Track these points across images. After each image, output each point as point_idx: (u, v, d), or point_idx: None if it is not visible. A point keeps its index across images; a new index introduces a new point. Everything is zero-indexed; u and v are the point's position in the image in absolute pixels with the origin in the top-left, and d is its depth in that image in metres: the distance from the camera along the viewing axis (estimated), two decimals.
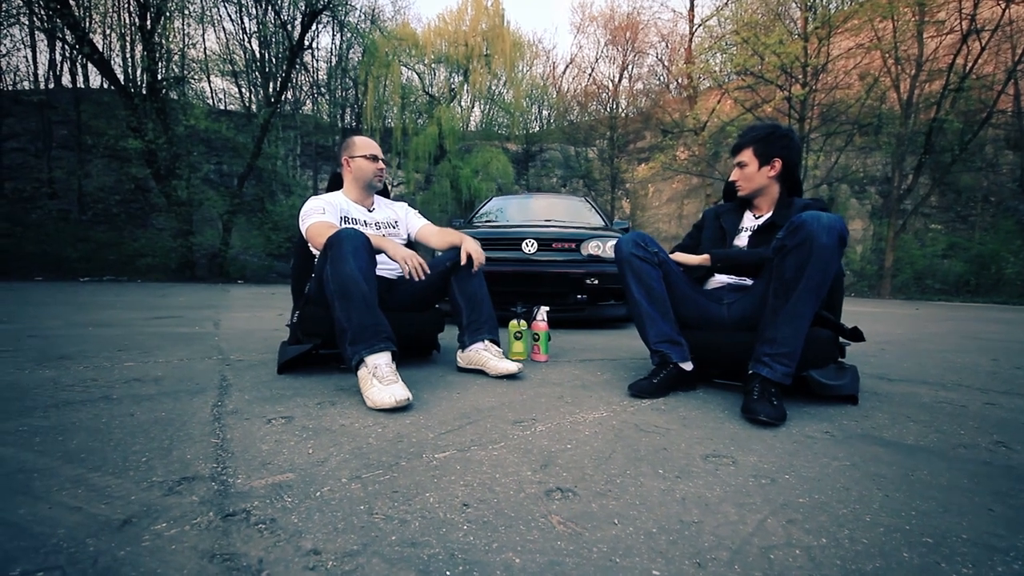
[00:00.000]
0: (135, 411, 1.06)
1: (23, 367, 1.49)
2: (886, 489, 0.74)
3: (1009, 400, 1.34)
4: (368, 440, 0.91)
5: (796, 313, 1.12)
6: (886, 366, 1.85)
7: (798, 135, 1.50)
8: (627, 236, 1.42)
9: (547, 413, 1.11)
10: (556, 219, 3.78)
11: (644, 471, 0.79)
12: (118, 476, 0.72)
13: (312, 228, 1.50)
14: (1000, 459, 0.88)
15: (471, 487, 0.72)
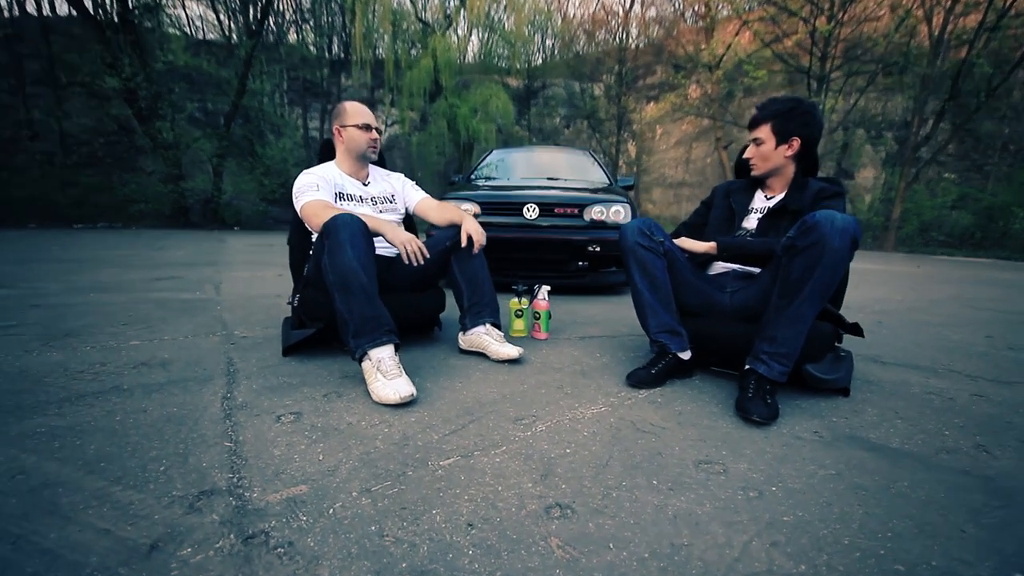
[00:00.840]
0: (147, 405, 1.10)
1: (30, 347, 1.52)
2: (867, 505, 0.78)
3: (997, 390, 1.38)
4: (375, 443, 0.95)
5: (799, 315, 1.13)
6: (881, 345, 1.88)
7: (820, 108, 1.41)
8: (632, 223, 1.39)
9: (547, 408, 1.15)
10: (558, 177, 3.68)
11: (639, 482, 0.83)
12: (139, 490, 0.76)
13: (307, 208, 1.46)
14: (979, 466, 0.93)
15: (475, 502, 0.76)
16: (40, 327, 1.79)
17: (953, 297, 3.37)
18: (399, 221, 1.77)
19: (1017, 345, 1.96)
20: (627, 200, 2.89)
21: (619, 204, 2.84)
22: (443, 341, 1.74)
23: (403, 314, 1.61)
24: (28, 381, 1.23)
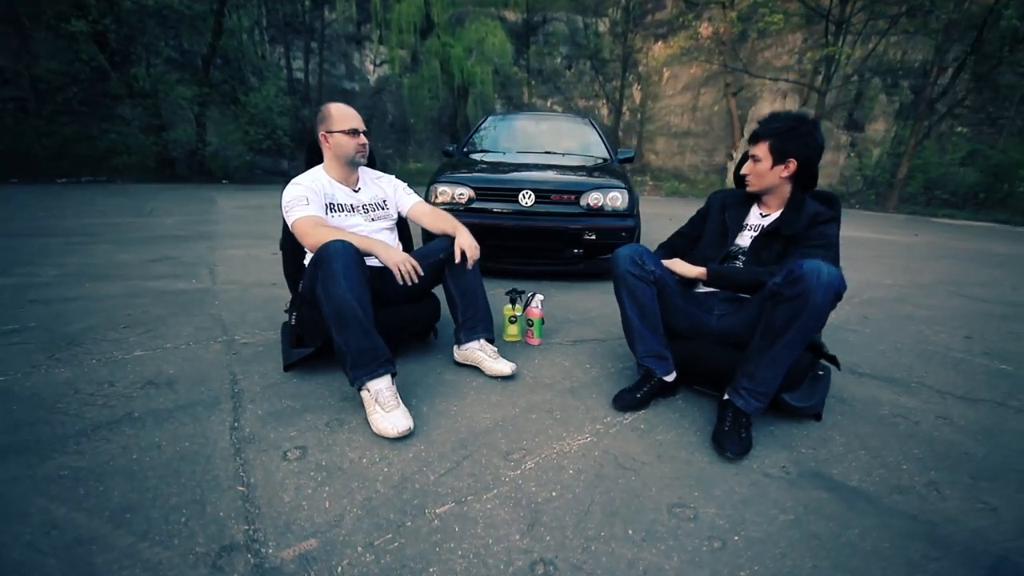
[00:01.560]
0: (160, 439, 1.17)
1: (37, 361, 1.58)
2: (816, 557, 0.88)
3: (962, 411, 1.48)
4: (376, 486, 1.03)
5: (778, 359, 1.19)
6: (862, 350, 1.96)
7: (821, 126, 1.39)
8: (624, 252, 1.41)
9: (536, 440, 1.24)
10: (556, 151, 3.59)
11: (616, 532, 0.93)
12: (166, 547, 0.85)
13: (299, 225, 1.47)
14: (927, 509, 1.03)
15: (467, 559, 0.85)
16: (42, 331, 1.84)
17: (942, 281, 3.43)
18: (392, 226, 1.77)
19: (992, 349, 2.05)
20: (625, 185, 2.85)
21: (616, 190, 2.80)
22: (438, 349, 1.81)
23: (399, 324, 1.67)
24: (42, 408, 1.29)
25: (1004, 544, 0.93)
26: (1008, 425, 1.40)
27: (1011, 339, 2.18)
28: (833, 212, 1.42)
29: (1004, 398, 1.58)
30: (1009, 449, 1.27)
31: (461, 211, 2.79)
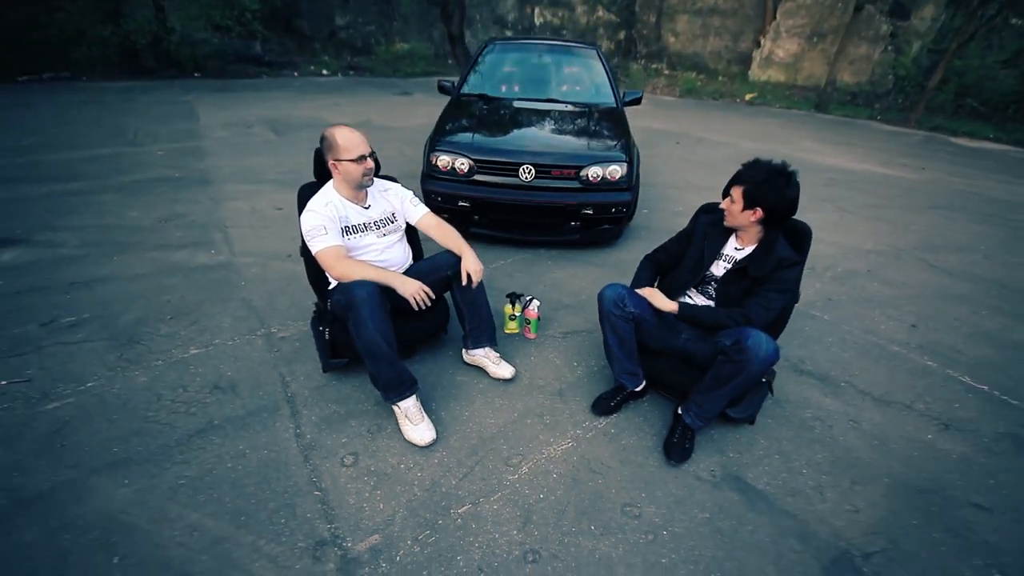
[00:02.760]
0: (243, 447, 1.58)
1: (110, 363, 1.93)
2: (714, 548, 1.34)
3: (871, 415, 1.89)
4: (414, 490, 1.46)
5: (721, 398, 1.55)
6: (812, 341, 2.33)
7: (797, 179, 1.55)
8: (609, 295, 1.68)
9: (530, 445, 1.65)
10: (560, 100, 3.56)
11: (583, 528, 1.38)
12: (278, 543, 1.29)
13: (323, 257, 1.70)
14: (807, 510, 1.47)
15: (482, 550, 1.30)
16: (99, 325, 2.16)
17: (920, 244, 3.67)
18: (402, 236, 1.99)
19: (928, 341, 2.41)
20: (625, 157, 2.93)
21: (616, 163, 2.90)
22: (448, 346, 2.15)
23: (415, 328, 1.99)
24: (137, 418, 1.68)
25: (850, 540, 1.39)
26: (903, 431, 1.82)
27: (950, 328, 2.54)
28: (797, 257, 1.65)
29: (914, 400, 1.99)
30: (892, 455, 1.70)
31: (462, 182, 2.91)
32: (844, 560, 1.33)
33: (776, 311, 1.62)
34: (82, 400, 1.76)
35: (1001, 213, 4.51)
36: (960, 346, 2.38)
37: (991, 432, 1.85)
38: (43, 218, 3.29)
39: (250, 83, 10.21)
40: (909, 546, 1.38)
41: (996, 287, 3.03)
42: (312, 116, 7.07)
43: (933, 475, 1.63)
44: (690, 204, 4.18)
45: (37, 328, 2.16)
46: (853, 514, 1.47)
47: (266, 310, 2.34)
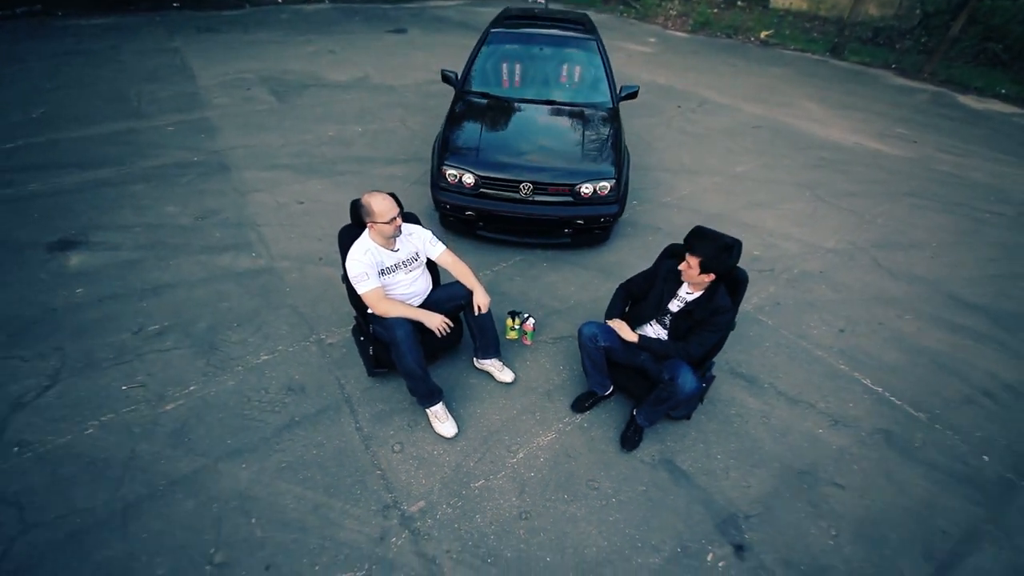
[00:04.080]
0: (321, 439, 2.30)
1: (202, 369, 2.60)
2: (642, 510, 2.10)
3: (782, 411, 2.61)
4: (444, 471, 2.20)
5: (660, 411, 2.24)
6: (751, 346, 3.00)
7: (740, 248, 2.12)
8: (587, 331, 2.32)
9: (524, 436, 2.38)
10: (559, 100, 3.94)
11: (561, 496, 2.14)
12: (362, 507, 2.05)
13: (368, 297, 2.29)
14: (715, 485, 2.23)
15: (494, 511, 2.07)
16: (180, 333, 2.81)
17: (880, 242, 4.24)
18: (423, 269, 2.57)
19: (849, 346, 3.09)
20: (614, 174, 3.41)
21: (606, 179, 3.40)
22: (462, 352, 2.81)
23: (437, 343, 2.64)
24: (238, 416, 2.38)
25: (738, 507, 2.16)
26: (802, 426, 2.55)
27: (872, 333, 3.20)
28: (731, 306, 2.26)
29: (818, 400, 2.70)
30: (786, 445, 2.44)
31: (468, 194, 3.41)
32: (731, 520, 2.11)
33: (710, 345, 2.26)
34: (190, 402, 2.45)
35: (971, 202, 5.00)
36: (873, 350, 3.06)
37: (870, 428, 2.58)
38: (88, 215, 3.80)
39: (234, 18, 9.98)
40: (778, 511, 2.16)
41: (929, 290, 3.66)
42: (307, 72, 7.20)
43: (812, 461, 2.38)
44: (679, 194, 4.68)
45: (131, 336, 2.80)
46: (745, 488, 2.23)
47: (312, 317, 2.97)
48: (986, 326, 3.37)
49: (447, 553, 1.93)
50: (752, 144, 5.93)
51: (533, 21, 4.56)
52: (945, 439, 2.57)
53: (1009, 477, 2.43)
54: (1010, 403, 2.83)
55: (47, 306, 2.99)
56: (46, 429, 2.32)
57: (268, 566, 1.87)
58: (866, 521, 2.17)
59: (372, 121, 5.77)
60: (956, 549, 2.11)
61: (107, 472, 2.16)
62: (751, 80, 8.39)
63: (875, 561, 2.03)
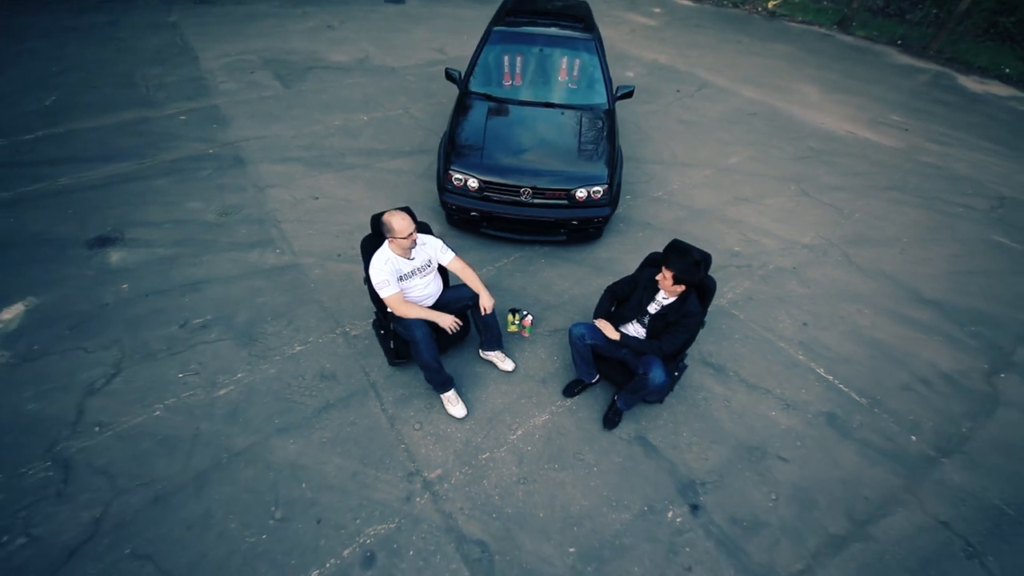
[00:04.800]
0: (354, 418, 2.83)
1: (245, 359, 3.10)
2: (621, 479, 2.66)
3: (741, 396, 3.14)
4: (456, 446, 2.75)
5: (636, 400, 2.76)
6: (722, 338, 3.51)
7: (710, 262, 2.58)
8: (577, 331, 2.81)
9: (522, 417, 2.91)
10: (558, 103, 4.30)
11: (552, 466, 2.69)
12: (391, 473, 2.60)
13: (389, 301, 2.77)
14: (678, 457, 2.78)
15: (498, 476, 2.62)
16: (223, 325, 3.29)
17: (854, 239, 4.69)
18: (435, 273, 3.03)
19: (809, 338, 3.59)
20: (607, 180, 3.82)
21: (599, 185, 3.81)
22: (469, 344, 3.31)
23: (448, 338, 3.13)
24: (281, 401, 2.90)
25: (697, 475, 2.71)
26: (758, 409, 3.08)
27: (831, 326, 3.70)
28: (700, 310, 2.74)
29: (775, 386, 3.23)
30: (743, 425, 2.98)
31: (473, 197, 3.83)
32: (690, 485, 2.67)
33: (680, 344, 2.76)
34: (239, 387, 2.96)
35: (947, 195, 5.42)
36: (831, 343, 3.58)
37: (816, 411, 3.12)
38: (119, 212, 4.22)
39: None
40: (729, 479, 2.71)
41: (891, 285, 4.15)
42: (308, 52, 7.40)
43: (763, 438, 2.93)
44: (669, 188, 5.08)
45: (178, 329, 3.29)
46: (704, 460, 2.78)
47: (337, 311, 3.46)
48: (937, 320, 3.87)
49: (460, 510, 2.49)
50: (746, 133, 6.27)
51: (533, 18, 4.82)
52: (880, 421, 3.11)
53: (931, 454, 2.98)
54: (943, 390, 3.36)
55: (99, 301, 3.46)
56: (119, 411, 2.84)
57: (319, 520, 2.43)
58: (802, 488, 2.73)
59: (376, 109, 6.07)
60: (874, 512, 2.68)
61: (177, 447, 2.69)
62: (753, 60, 8.58)
63: (804, 519, 2.60)
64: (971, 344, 3.71)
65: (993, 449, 3.05)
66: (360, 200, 4.54)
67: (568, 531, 2.46)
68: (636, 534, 2.47)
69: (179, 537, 2.36)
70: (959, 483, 2.86)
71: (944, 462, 2.95)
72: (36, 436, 2.72)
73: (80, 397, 2.90)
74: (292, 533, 2.38)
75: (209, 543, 2.35)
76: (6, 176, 4.57)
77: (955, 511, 2.72)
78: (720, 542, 2.48)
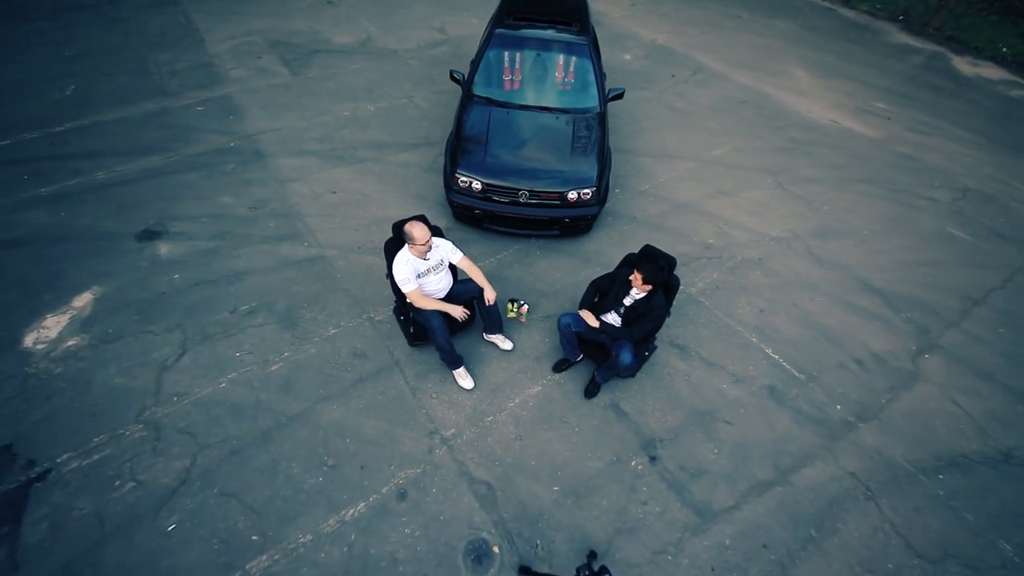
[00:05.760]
0: (384, 389, 3.68)
1: (289, 340, 3.92)
2: (597, 437, 3.53)
3: (700, 372, 4.00)
4: (466, 411, 3.62)
5: (610, 375, 3.61)
6: (688, 323, 4.32)
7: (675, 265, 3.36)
8: (565, 320, 3.61)
9: (517, 389, 3.77)
10: (554, 107, 4.95)
11: (543, 427, 3.57)
12: (416, 433, 3.47)
13: (410, 295, 3.56)
14: (644, 421, 3.65)
15: (500, 435, 3.50)
16: (267, 311, 4.09)
17: (821, 231, 5.45)
18: (447, 270, 3.81)
19: (763, 323, 4.41)
20: (595, 183, 4.55)
21: (588, 187, 4.53)
22: (475, 329, 4.11)
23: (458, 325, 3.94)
24: (323, 375, 3.73)
25: (656, 433, 3.59)
26: (711, 382, 3.93)
27: (784, 312, 4.52)
28: (665, 304, 3.53)
29: (728, 363, 4.07)
30: (697, 396, 3.84)
31: (477, 197, 4.56)
32: (651, 442, 3.55)
33: (648, 331, 3.57)
34: (287, 364, 3.79)
35: (914, 188, 6.14)
36: (781, 327, 4.40)
37: (760, 384, 3.97)
38: (159, 206, 4.93)
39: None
40: (682, 437, 3.59)
41: (844, 275, 4.94)
42: (312, 33, 7.90)
43: (713, 406, 3.79)
44: (656, 182, 5.79)
45: (229, 315, 4.09)
46: (664, 423, 3.65)
47: (362, 298, 4.25)
48: (878, 307, 4.69)
49: (471, 459, 3.37)
50: (735, 123, 6.90)
51: (532, 18, 5.36)
52: (813, 393, 3.98)
53: (850, 420, 3.86)
54: (872, 368, 4.21)
55: (156, 290, 4.24)
56: (192, 384, 3.67)
57: (362, 466, 3.30)
58: (740, 445, 3.61)
59: (382, 98, 6.67)
60: (795, 463, 3.57)
61: (243, 412, 3.54)
62: (751, 40, 9.06)
63: (738, 468, 3.49)
64: (904, 328, 4.54)
65: (903, 417, 3.92)
66: (373, 194, 5.26)
67: (553, 475, 3.34)
68: (606, 477, 3.36)
69: (255, 480, 3.24)
70: (870, 444, 3.74)
71: (861, 427, 3.82)
72: (126, 404, 3.55)
73: (157, 372, 3.72)
74: (341, 476, 3.26)
75: (279, 484, 3.22)
76: (48, 170, 5.25)
77: (862, 465, 3.61)
78: (671, 484, 3.37)
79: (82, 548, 2.94)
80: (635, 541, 3.11)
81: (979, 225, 5.72)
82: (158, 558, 2.93)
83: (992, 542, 3.30)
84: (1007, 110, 7.98)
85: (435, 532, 3.07)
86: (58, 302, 4.12)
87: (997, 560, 3.23)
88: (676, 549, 3.10)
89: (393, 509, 3.14)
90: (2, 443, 3.34)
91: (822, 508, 3.37)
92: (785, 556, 3.13)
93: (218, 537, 3.01)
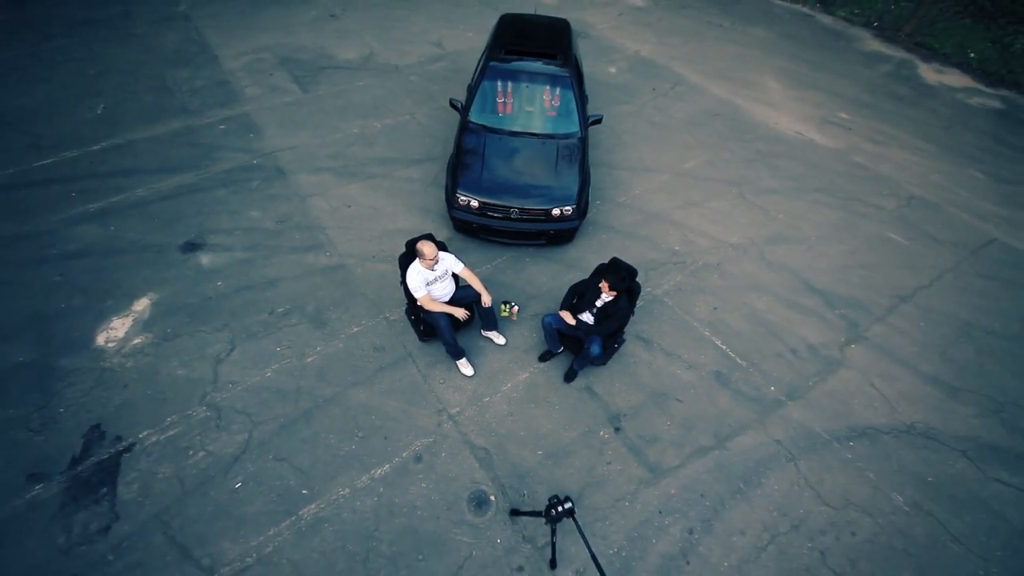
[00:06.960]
0: (401, 377, 4.75)
1: (320, 338, 4.98)
2: (573, 414, 4.63)
3: (661, 360, 5.10)
4: (468, 393, 4.70)
5: (585, 364, 4.69)
6: (652, 319, 5.40)
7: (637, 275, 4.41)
8: (547, 320, 4.68)
9: (509, 375, 4.86)
10: (539, 132, 5.96)
11: (530, 406, 4.66)
12: (428, 410, 4.55)
13: (421, 301, 4.62)
14: (613, 401, 4.75)
15: (497, 415, 4.59)
16: (299, 313, 5.14)
17: (772, 236, 6.52)
18: (451, 279, 4.86)
19: (716, 319, 5.50)
20: (575, 200, 5.59)
21: (569, 205, 5.58)
22: (474, 327, 5.18)
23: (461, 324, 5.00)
24: (350, 366, 4.80)
25: (621, 409, 4.70)
26: (669, 369, 5.03)
27: (735, 310, 5.60)
28: (628, 306, 4.60)
29: (684, 353, 5.16)
30: (657, 380, 4.94)
31: (474, 213, 5.59)
32: (616, 416, 4.64)
33: (615, 328, 4.64)
34: (320, 357, 4.85)
35: (865, 197, 7.22)
36: (732, 322, 5.48)
37: (709, 370, 5.07)
38: (196, 220, 5.94)
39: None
40: (642, 412, 4.69)
41: (791, 278, 6.02)
42: (318, 48, 8.85)
43: (667, 387, 4.89)
44: (632, 193, 6.84)
45: (268, 316, 5.13)
46: (628, 401, 4.75)
47: (379, 301, 5.30)
48: (818, 304, 5.78)
49: (472, 431, 4.45)
50: (706, 136, 7.94)
51: (521, 52, 6.35)
52: (752, 377, 5.07)
53: (781, 399, 4.96)
54: (805, 356, 5.32)
55: (203, 296, 5.27)
56: (242, 374, 4.72)
57: (386, 437, 4.38)
58: (687, 418, 4.71)
59: (386, 115, 7.66)
60: (731, 433, 4.68)
61: (287, 395, 4.59)
62: (729, 50, 10.07)
63: (685, 437, 4.60)
64: (837, 323, 5.64)
65: (826, 396, 5.03)
66: (384, 208, 6.28)
67: (538, 442, 4.43)
68: (579, 444, 4.45)
69: (301, 448, 4.30)
70: (796, 418, 4.85)
71: (789, 404, 4.93)
72: (190, 391, 4.60)
73: (213, 365, 4.77)
74: (370, 444, 4.33)
75: (320, 452, 4.30)
76: (93, 188, 6.23)
77: (787, 434, 4.72)
78: (630, 448, 4.47)
79: (168, 503, 4.00)
80: (600, 492, 4.21)
81: (917, 230, 6.81)
82: (231, 508, 3.99)
83: (887, 495, 4.42)
84: (963, 119, 9.05)
85: (445, 486, 4.16)
86: (120, 307, 5.14)
87: (889, 508, 4.35)
88: (632, 497, 4.20)
89: (411, 469, 4.22)
90: (91, 423, 4.38)
91: (750, 467, 4.48)
92: (718, 503, 4.24)
93: (276, 491, 4.08)
